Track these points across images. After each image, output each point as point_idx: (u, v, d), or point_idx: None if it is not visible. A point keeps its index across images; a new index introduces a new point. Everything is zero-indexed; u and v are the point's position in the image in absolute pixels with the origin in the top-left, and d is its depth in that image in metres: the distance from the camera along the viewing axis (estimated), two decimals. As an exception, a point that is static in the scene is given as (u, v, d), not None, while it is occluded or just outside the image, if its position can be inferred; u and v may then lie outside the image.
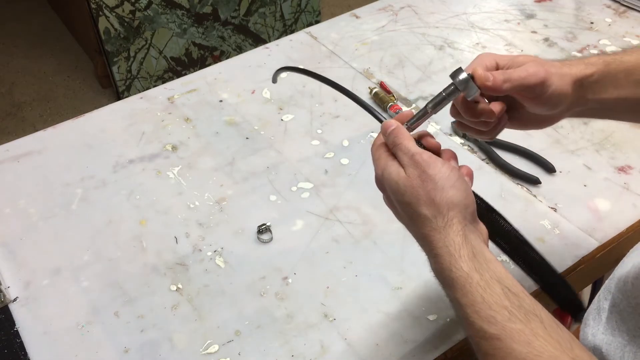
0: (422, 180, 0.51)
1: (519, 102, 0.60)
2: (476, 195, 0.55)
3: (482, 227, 0.53)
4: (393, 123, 0.56)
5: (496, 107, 0.58)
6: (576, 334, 0.61)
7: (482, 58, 0.59)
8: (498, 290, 0.47)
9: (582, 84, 0.59)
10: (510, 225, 0.59)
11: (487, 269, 0.49)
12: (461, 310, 0.48)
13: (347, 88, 0.64)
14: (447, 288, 0.50)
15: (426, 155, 0.52)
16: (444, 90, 0.57)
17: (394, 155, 0.55)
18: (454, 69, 0.56)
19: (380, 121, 0.58)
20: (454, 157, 0.56)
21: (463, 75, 0.55)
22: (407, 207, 0.52)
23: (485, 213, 0.56)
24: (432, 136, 0.58)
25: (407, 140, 0.54)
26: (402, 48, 1.15)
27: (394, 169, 0.53)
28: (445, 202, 0.50)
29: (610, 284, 0.56)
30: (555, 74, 0.57)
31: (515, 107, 0.61)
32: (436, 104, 0.57)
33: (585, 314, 0.59)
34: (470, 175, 0.56)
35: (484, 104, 0.58)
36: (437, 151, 0.57)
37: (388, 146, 0.56)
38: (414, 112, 0.59)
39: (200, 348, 0.69)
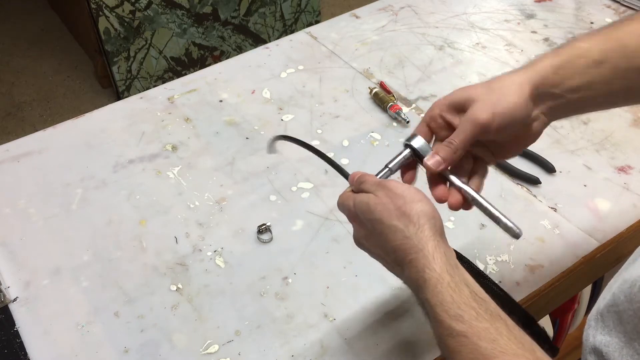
0: (390, 198, 0.55)
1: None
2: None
3: (451, 248, 0.56)
4: (358, 173, 0.61)
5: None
6: (578, 336, 0.61)
7: (430, 118, 0.61)
8: (466, 292, 0.50)
9: (538, 85, 0.59)
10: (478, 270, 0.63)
11: (457, 273, 0.52)
12: (431, 310, 0.51)
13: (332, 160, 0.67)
14: (419, 291, 0.53)
15: (391, 180, 0.57)
16: (403, 154, 0.62)
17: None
18: (410, 135, 0.61)
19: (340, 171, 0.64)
20: None
21: (419, 144, 0.61)
22: (378, 223, 0.55)
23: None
24: None
25: (370, 177, 0.59)
26: (402, 48, 1.15)
27: (364, 196, 0.57)
28: (415, 212, 0.53)
29: (613, 283, 0.56)
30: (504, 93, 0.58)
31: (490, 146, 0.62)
32: (397, 164, 0.62)
33: (589, 315, 0.59)
34: None
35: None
36: None
37: (354, 190, 0.60)
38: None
39: (200, 348, 0.69)
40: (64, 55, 2.66)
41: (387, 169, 0.61)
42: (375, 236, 0.56)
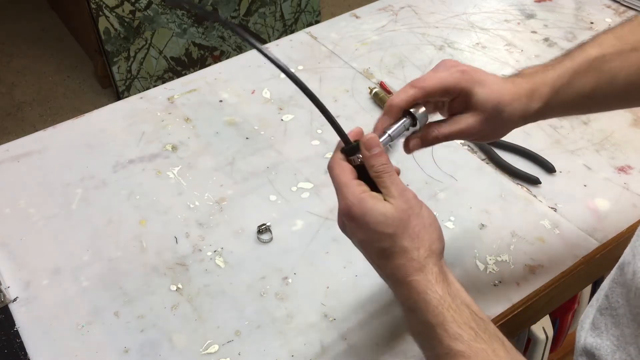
0: (409, 215, 0.53)
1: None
2: None
3: (450, 270, 0.56)
4: (375, 139, 0.55)
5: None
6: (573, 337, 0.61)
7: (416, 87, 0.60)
8: (467, 313, 0.51)
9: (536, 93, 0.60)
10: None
11: (457, 296, 0.52)
12: (431, 331, 0.51)
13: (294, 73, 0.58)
14: (417, 312, 0.52)
15: (412, 194, 0.54)
16: (404, 123, 0.61)
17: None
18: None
19: (337, 129, 0.58)
20: None
21: (421, 110, 0.60)
22: (388, 237, 0.52)
23: None
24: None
25: (395, 173, 0.55)
26: (402, 48, 1.15)
27: (379, 200, 0.53)
28: (428, 238, 0.53)
29: (605, 286, 0.56)
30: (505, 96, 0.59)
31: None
32: (396, 131, 0.60)
33: (582, 317, 0.59)
34: None
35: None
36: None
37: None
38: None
39: (200, 348, 0.69)
40: (64, 55, 2.66)
41: (387, 135, 0.60)
42: (377, 248, 0.53)
